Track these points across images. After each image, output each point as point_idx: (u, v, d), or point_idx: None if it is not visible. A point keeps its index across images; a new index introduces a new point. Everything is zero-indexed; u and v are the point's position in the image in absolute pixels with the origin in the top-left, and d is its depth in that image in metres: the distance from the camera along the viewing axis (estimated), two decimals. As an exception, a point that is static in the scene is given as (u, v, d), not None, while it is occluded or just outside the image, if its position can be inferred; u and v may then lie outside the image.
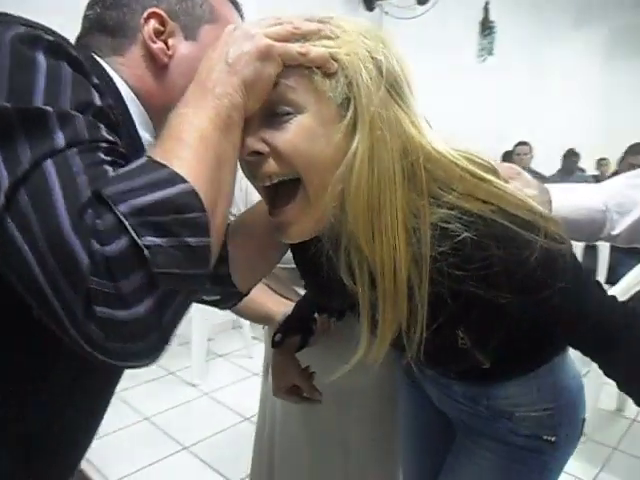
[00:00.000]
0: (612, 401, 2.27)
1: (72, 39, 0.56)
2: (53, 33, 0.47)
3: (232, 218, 0.75)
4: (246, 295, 0.77)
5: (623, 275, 2.10)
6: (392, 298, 0.58)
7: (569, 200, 0.83)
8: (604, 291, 0.67)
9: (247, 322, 2.68)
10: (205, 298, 0.73)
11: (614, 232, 0.83)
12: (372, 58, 0.57)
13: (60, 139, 0.41)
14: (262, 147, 0.55)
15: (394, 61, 0.58)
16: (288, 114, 0.56)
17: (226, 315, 2.59)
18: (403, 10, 3.41)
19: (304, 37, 0.56)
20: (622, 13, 5.55)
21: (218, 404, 2.39)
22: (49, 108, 0.41)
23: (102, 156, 0.43)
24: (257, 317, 1.08)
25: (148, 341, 0.41)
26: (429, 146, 0.58)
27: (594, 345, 0.66)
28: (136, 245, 0.38)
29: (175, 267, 0.40)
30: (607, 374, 0.68)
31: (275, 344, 0.98)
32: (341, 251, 0.59)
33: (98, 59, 0.59)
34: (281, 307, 1.02)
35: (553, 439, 0.79)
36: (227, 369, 2.74)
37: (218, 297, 0.73)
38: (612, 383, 0.67)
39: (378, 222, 0.56)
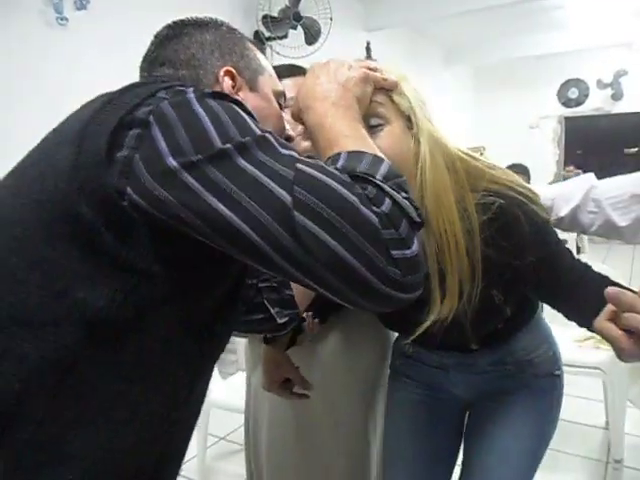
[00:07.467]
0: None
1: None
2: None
3: None
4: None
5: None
6: (456, 258, 0.79)
7: None
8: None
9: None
10: (279, 321, 0.85)
11: (560, 214, 1.05)
12: (412, 87, 0.83)
13: (290, 151, 0.51)
14: None
15: (419, 92, 0.84)
16: (379, 125, 0.78)
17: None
18: (293, 50, 3.56)
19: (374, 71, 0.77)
20: (482, 55, 6.27)
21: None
22: (267, 134, 0.51)
23: None
24: None
25: (422, 270, 0.51)
26: (457, 151, 0.84)
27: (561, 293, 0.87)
28: (396, 201, 0.49)
29: (417, 213, 0.51)
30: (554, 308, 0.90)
31: (267, 341, 1.05)
32: None
33: None
34: None
35: (558, 372, 1.03)
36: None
37: (287, 319, 0.85)
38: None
39: (441, 204, 0.79)
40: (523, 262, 0.82)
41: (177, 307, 0.54)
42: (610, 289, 0.61)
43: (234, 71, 0.68)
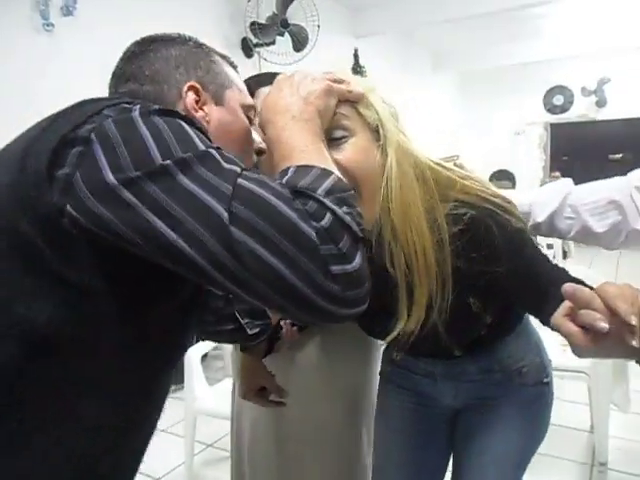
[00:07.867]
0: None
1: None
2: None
3: None
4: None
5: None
6: (424, 270, 0.77)
7: None
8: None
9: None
10: (249, 332, 0.85)
11: (538, 220, 1.03)
12: (381, 99, 0.80)
13: (234, 167, 0.50)
14: None
15: (389, 103, 0.82)
16: (343, 137, 0.76)
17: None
18: (280, 56, 3.58)
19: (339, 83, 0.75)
20: (469, 62, 6.34)
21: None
22: (211, 149, 0.50)
23: None
24: None
25: (365, 286, 0.50)
26: (428, 161, 0.82)
27: (541, 299, 0.78)
28: (337, 216, 0.49)
29: (359, 228, 0.51)
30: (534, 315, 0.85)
31: (243, 348, 1.04)
32: (385, 243, 0.79)
33: None
34: None
35: (547, 380, 1.02)
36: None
37: (258, 330, 0.86)
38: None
39: (409, 216, 0.77)
40: (497, 269, 0.80)
41: (119, 322, 0.54)
42: (567, 285, 0.60)
43: (198, 86, 0.68)
